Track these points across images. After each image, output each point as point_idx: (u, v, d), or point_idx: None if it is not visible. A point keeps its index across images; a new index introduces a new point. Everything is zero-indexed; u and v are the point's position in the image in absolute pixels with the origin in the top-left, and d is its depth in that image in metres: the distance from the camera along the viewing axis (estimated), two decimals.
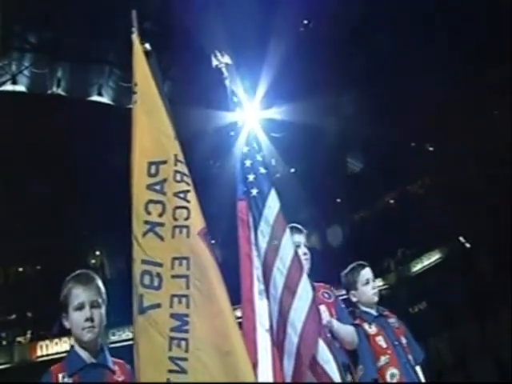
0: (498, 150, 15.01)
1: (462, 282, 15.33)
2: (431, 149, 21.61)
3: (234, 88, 3.64)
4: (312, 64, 16.47)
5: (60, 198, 19.05)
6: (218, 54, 3.74)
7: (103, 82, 19.59)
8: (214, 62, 3.72)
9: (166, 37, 14.53)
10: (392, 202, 23.89)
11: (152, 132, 2.90)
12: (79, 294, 2.83)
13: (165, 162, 2.83)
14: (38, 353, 19.37)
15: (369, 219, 23.57)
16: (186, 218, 2.73)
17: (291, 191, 16.49)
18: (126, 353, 2.87)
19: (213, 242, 2.81)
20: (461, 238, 20.14)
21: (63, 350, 17.54)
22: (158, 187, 2.78)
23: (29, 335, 20.28)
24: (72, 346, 2.88)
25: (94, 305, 2.83)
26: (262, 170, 3.32)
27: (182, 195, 2.77)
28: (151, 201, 2.77)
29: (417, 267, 22.16)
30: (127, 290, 2.70)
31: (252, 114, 3.99)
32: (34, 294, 20.49)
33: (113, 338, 17.83)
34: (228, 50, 3.79)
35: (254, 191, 3.25)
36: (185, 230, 2.71)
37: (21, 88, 18.50)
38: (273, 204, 3.20)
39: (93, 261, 24.00)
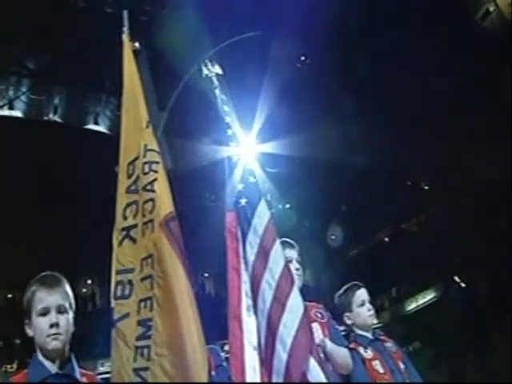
0: (494, 186, 14.96)
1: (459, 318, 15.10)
2: (426, 187, 21.59)
3: (223, 97, 3.52)
4: (307, 98, 16.54)
5: (50, 224, 18.84)
6: (209, 64, 3.63)
7: (100, 111, 19.60)
8: (205, 72, 3.62)
9: (161, 67, 14.59)
10: (386, 239, 23.76)
11: (129, 129, 2.79)
12: (43, 298, 2.54)
13: (137, 158, 2.69)
14: None
15: (363, 256, 23.38)
16: (151, 211, 2.55)
17: (286, 227, 16.33)
18: None
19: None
20: (456, 278, 19.94)
21: None
22: (133, 187, 2.65)
23: (16, 363, 19.81)
24: (34, 355, 2.56)
25: (61, 310, 2.53)
26: (252, 179, 3.17)
27: (148, 187, 2.60)
28: (128, 204, 2.63)
29: (411, 306, 21.91)
30: None
31: (248, 149, 3.86)
32: (23, 320, 20.10)
33: (101, 369, 17.39)
34: (224, 81, 3.69)
35: (243, 201, 3.08)
36: (150, 225, 2.54)
37: (17, 113, 18.51)
38: (262, 213, 3.03)
39: (84, 290, 23.58)
